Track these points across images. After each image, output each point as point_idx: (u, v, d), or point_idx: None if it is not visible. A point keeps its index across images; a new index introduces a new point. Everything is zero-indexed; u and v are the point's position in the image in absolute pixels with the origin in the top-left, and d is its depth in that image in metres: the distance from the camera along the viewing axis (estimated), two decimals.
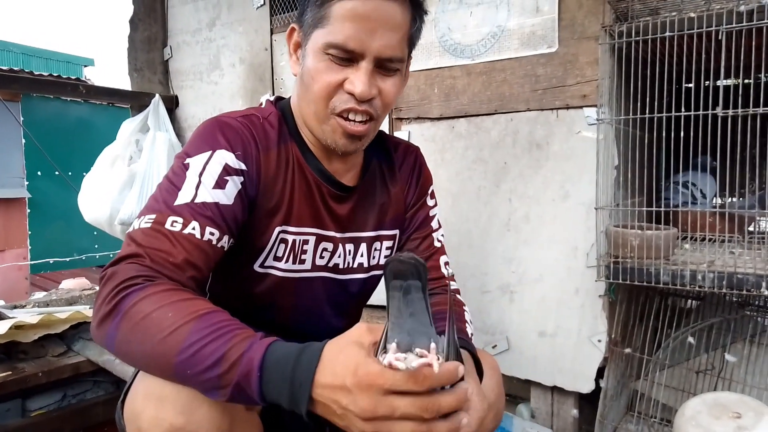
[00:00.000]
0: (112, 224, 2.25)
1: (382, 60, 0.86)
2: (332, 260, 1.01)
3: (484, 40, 1.67)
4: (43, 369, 1.74)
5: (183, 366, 0.65)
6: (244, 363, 0.64)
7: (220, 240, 0.82)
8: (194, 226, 0.78)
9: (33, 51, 9.84)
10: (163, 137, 2.35)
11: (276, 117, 0.96)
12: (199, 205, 0.80)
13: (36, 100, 5.61)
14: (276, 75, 2.29)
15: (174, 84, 2.63)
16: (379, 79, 0.88)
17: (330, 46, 0.84)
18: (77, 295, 2.32)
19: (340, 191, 0.99)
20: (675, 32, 1.27)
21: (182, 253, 0.76)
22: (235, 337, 0.66)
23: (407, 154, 1.11)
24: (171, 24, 2.62)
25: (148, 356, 0.68)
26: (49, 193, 5.96)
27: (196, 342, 0.65)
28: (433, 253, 1.09)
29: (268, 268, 0.95)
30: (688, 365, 1.59)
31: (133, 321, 0.68)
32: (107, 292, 0.70)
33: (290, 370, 0.64)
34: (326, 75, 0.86)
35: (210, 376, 0.65)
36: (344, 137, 0.90)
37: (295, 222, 0.94)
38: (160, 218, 0.78)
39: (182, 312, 0.67)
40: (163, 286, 0.71)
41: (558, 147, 1.57)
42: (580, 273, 1.54)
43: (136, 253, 0.75)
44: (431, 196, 1.14)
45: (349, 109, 0.87)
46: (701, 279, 1.27)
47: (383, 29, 0.84)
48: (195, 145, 0.86)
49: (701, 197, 1.79)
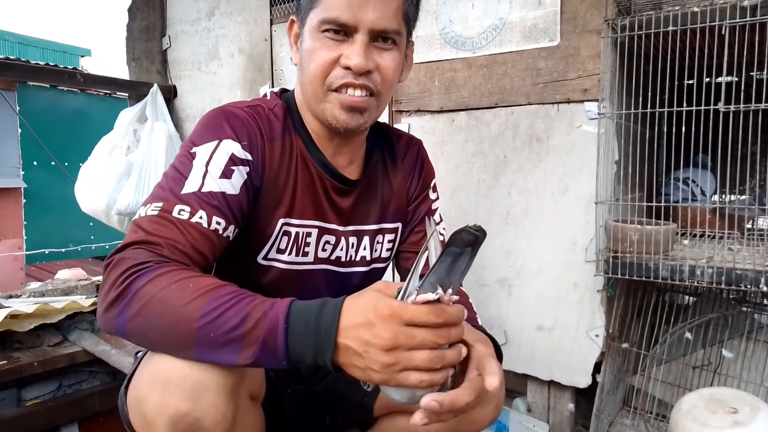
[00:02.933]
0: (109, 214, 2.24)
1: (376, 32, 0.85)
2: (334, 253, 1.01)
3: (486, 33, 1.66)
4: (39, 359, 1.73)
5: (206, 330, 0.66)
6: (269, 319, 0.65)
7: (226, 229, 0.82)
8: (201, 215, 0.78)
9: (29, 40, 9.78)
10: (161, 127, 2.34)
11: (281, 108, 0.95)
12: (206, 194, 0.80)
13: (32, 89, 5.58)
14: (275, 66, 2.28)
15: (172, 74, 2.62)
16: (376, 54, 0.87)
17: (323, 23, 0.85)
18: (73, 285, 2.30)
19: (343, 184, 0.99)
20: (678, 26, 1.27)
21: (190, 240, 0.76)
22: (255, 299, 0.68)
23: (410, 147, 1.11)
24: (170, 13, 2.60)
25: (167, 326, 0.68)
26: (45, 183, 5.93)
27: (218, 306, 0.66)
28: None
29: (271, 261, 0.95)
30: (685, 361, 1.59)
31: (149, 295, 0.68)
32: (115, 277, 0.70)
33: (315, 318, 0.66)
34: (322, 52, 0.86)
35: (234, 336, 0.65)
36: (344, 111, 0.88)
37: (298, 215, 0.94)
38: (167, 206, 0.78)
39: (200, 284, 0.68)
40: (175, 266, 0.72)
41: (558, 141, 1.56)
42: (578, 267, 1.54)
43: (144, 240, 0.75)
44: (433, 190, 1.13)
45: (346, 84, 0.87)
46: (700, 274, 1.27)
47: (376, 1, 0.84)
48: (201, 135, 0.86)
49: (701, 194, 1.79)
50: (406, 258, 1.11)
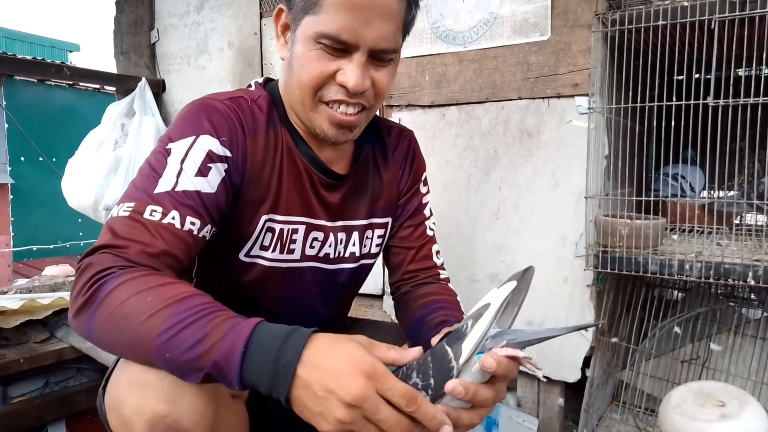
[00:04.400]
0: (96, 210, 2.21)
1: (376, 51, 0.83)
2: (323, 250, 0.98)
3: (477, 27, 1.65)
4: (25, 355, 1.72)
5: (163, 349, 0.64)
6: (228, 342, 0.62)
7: (202, 230, 0.79)
8: (174, 216, 0.76)
9: (16, 35, 9.67)
10: (149, 122, 2.31)
11: (266, 100, 0.92)
12: (179, 193, 0.77)
13: (19, 84, 5.51)
14: (265, 60, 2.26)
15: (161, 68, 2.59)
16: (373, 70, 0.85)
17: (322, 36, 0.80)
18: (61, 282, 2.28)
19: (332, 179, 0.96)
20: (668, 21, 1.27)
21: (161, 243, 0.73)
22: (216, 318, 0.64)
23: (401, 139, 1.08)
24: (158, 6, 2.57)
25: (128, 342, 0.67)
26: (32, 179, 5.86)
27: (176, 324, 0.63)
28: (426, 242, 1.07)
29: (254, 258, 0.92)
30: (674, 355, 1.60)
31: (111, 307, 0.66)
32: (83, 283, 0.69)
33: (276, 349, 0.62)
34: (317, 64, 0.82)
35: (188, 358, 0.63)
36: (333, 126, 0.86)
37: (283, 210, 0.91)
38: (138, 207, 0.75)
39: (162, 296, 0.66)
40: (139, 272, 0.69)
41: (549, 136, 1.56)
42: (568, 262, 1.54)
43: (112, 244, 0.72)
44: (424, 183, 1.11)
45: (339, 101, 0.84)
46: (689, 269, 1.28)
47: (378, 20, 0.80)
48: (178, 129, 0.83)
49: (690, 190, 1.80)
50: (396, 253, 1.08)
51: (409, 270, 1.06)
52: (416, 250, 1.06)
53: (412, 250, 1.06)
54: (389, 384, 0.61)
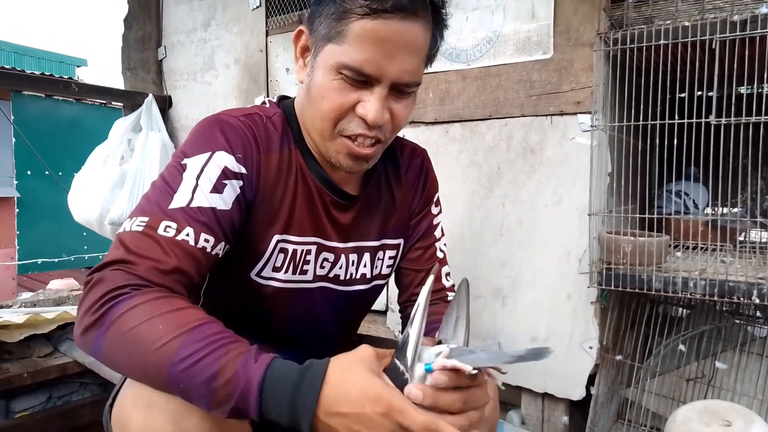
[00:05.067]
0: (102, 224, 2.23)
1: (398, 84, 0.81)
2: (333, 271, 0.97)
3: (480, 45, 1.67)
4: (29, 370, 1.72)
5: (175, 380, 0.63)
6: (242, 381, 0.62)
7: (215, 247, 0.78)
8: (188, 233, 0.74)
9: (25, 50, 9.78)
10: (155, 137, 2.34)
11: (280, 118, 0.91)
12: (194, 209, 0.76)
13: (27, 98, 5.56)
14: (271, 76, 2.28)
15: (167, 84, 2.62)
16: (393, 101, 0.83)
17: (344, 67, 0.79)
18: (65, 296, 2.29)
19: (343, 199, 0.94)
20: (669, 40, 1.28)
21: (173, 260, 0.72)
22: (229, 352, 0.63)
23: (414, 158, 1.07)
24: (166, 23, 2.61)
25: (138, 368, 0.66)
26: (38, 192, 5.90)
27: (189, 356, 0.63)
28: (435, 264, 1.05)
29: (267, 280, 0.91)
30: (679, 373, 1.59)
31: (121, 332, 0.65)
32: (93, 301, 0.67)
33: (291, 389, 0.63)
34: (338, 95, 0.81)
35: (203, 392, 0.63)
36: (349, 158, 0.85)
37: (297, 231, 0.90)
38: (152, 222, 0.74)
39: (173, 323, 0.65)
40: (151, 295, 0.68)
41: (552, 153, 1.57)
42: (572, 278, 1.54)
43: (124, 259, 0.71)
44: (436, 204, 1.09)
45: (359, 134, 0.83)
46: (693, 286, 1.27)
47: (403, 53, 0.78)
48: (194, 145, 0.82)
49: (693, 207, 1.80)
50: (405, 274, 1.07)
51: (416, 292, 1.04)
52: (426, 272, 1.04)
53: (422, 272, 1.05)
54: (410, 418, 0.61)
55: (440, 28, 0.85)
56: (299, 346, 0.96)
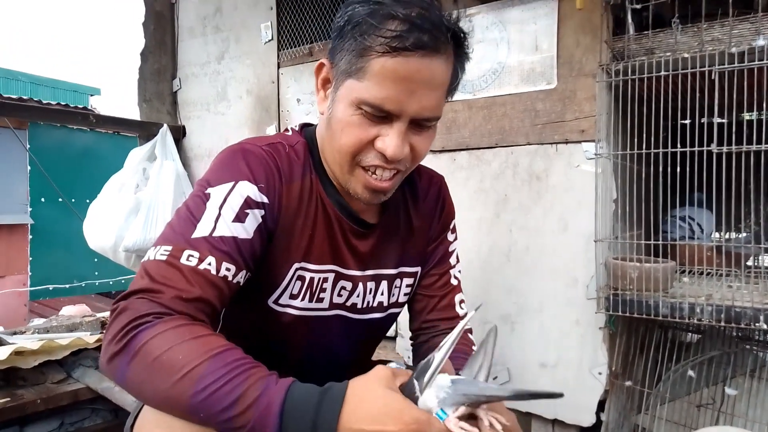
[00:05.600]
0: (116, 251, 2.27)
1: (418, 120, 0.82)
2: (350, 299, 0.97)
3: (485, 76, 1.72)
4: (42, 396, 1.73)
5: (198, 408, 0.65)
6: (262, 405, 0.63)
7: (237, 275, 0.79)
8: (210, 262, 0.76)
9: (40, 80, 10.00)
10: (169, 166, 2.39)
11: (302, 146, 0.92)
12: (216, 239, 0.77)
13: (43, 127, 5.67)
14: (282, 107, 2.34)
15: (182, 114, 2.69)
16: (412, 135, 0.83)
17: (364, 103, 0.79)
18: (78, 322, 2.31)
19: (361, 227, 0.95)
20: (670, 71, 1.32)
21: (196, 289, 0.74)
22: (250, 378, 0.65)
23: (432, 185, 1.07)
24: (181, 56, 2.70)
25: (163, 398, 0.68)
26: (51, 219, 5.96)
27: (210, 384, 0.64)
28: (449, 291, 1.06)
29: (284, 307, 0.92)
30: (689, 399, 1.58)
31: (145, 362, 0.67)
32: (118, 329, 0.69)
33: (312, 413, 0.64)
34: (357, 130, 0.81)
35: (225, 418, 0.64)
36: (367, 191, 0.87)
37: (315, 259, 0.91)
38: (175, 251, 0.75)
39: (194, 352, 0.66)
40: (173, 323, 0.69)
41: (557, 180, 1.60)
42: (580, 304, 1.55)
43: (148, 288, 0.73)
44: (452, 231, 1.10)
45: (377, 166, 0.84)
46: (700, 312, 1.28)
47: (423, 90, 0.79)
48: (217, 174, 0.84)
49: (699, 231, 1.81)
50: (418, 300, 1.07)
51: (429, 319, 1.05)
52: (439, 299, 1.05)
53: (435, 298, 1.05)
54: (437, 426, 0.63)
55: (461, 61, 0.85)
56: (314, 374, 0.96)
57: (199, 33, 2.62)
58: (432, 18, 0.77)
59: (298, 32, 2.31)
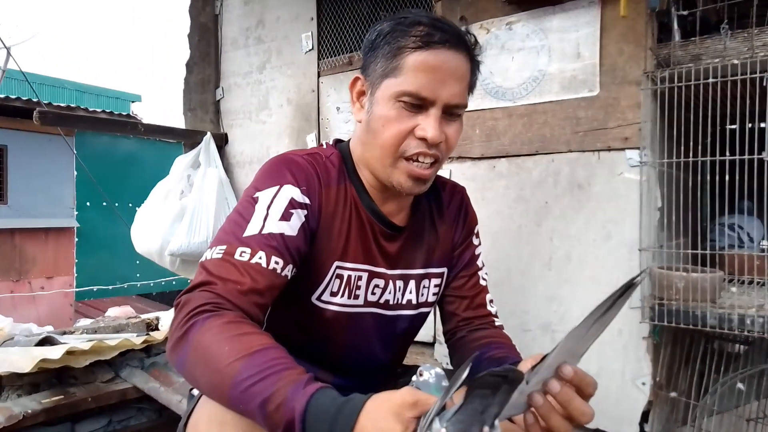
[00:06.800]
0: (162, 255, 2.34)
1: (449, 107, 0.91)
2: (383, 296, 1.04)
3: (525, 84, 1.72)
4: (92, 394, 1.80)
5: (235, 401, 0.70)
6: (288, 409, 0.66)
7: (284, 269, 0.86)
8: (261, 256, 0.83)
9: (85, 88, 10.39)
10: (213, 173, 2.46)
11: (337, 157, 1.01)
12: (265, 235, 0.85)
13: (89, 134, 5.91)
14: (322, 115, 2.39)
15: (224, 123, 2.77)
16: (445, 124, 0.92)
17: (404, 94, 0.89)
18: (124, 323, 2.39)
19: (391, 230, 1.03)
20: (719, 78, 1.30)
21: (249, 281, 0.81)
22: (281, 380, 0.68)
23: (454, 194, 1.16)
24: (224, 67, 2.78)
25: (208, 386, 0.74)
26: (96, 222, 6.18)
27: (245, 379, 0.68)
28: (479, 291, 1.12)
29: (326, 303, 0.99)
30: (738, 412, 1.54)
31: (197, 352, 0.73)
32: (181, 318, 0.76)
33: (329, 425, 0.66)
34: (398, 122, 0.91)
35: (260, 415, 0.68)
36: (411, 180, 0.94)
37: (351, 258, 0.98)
38: (229, 249, 0.84)
39: (237, 347, 0.71)
40: (225, 318, 0.75)
41: (600, 188, 1.59)
42: (623, 314, 1.53)
43: (207, 281, 0.81)
44: (476, 236, 1.17)
45: (419, 153, 0.92)
46: (750, 323, 1.26)
47: (451, 79, 0.90)
48: (264, 180, 0.93)
49: (748, 240, 1.76)
50: (450, 302, 1.13)
51: (464, 317, 1.11)
52: (470, 299, 1.11)
53: (467, 299, 1.11)
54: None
55: (476, 62, 0.97)
56: (351, 374, 1.03)
57: (241, 44, 2.69)
58: (449, 23, 0.93)
59: (337, 42, 2.36)
